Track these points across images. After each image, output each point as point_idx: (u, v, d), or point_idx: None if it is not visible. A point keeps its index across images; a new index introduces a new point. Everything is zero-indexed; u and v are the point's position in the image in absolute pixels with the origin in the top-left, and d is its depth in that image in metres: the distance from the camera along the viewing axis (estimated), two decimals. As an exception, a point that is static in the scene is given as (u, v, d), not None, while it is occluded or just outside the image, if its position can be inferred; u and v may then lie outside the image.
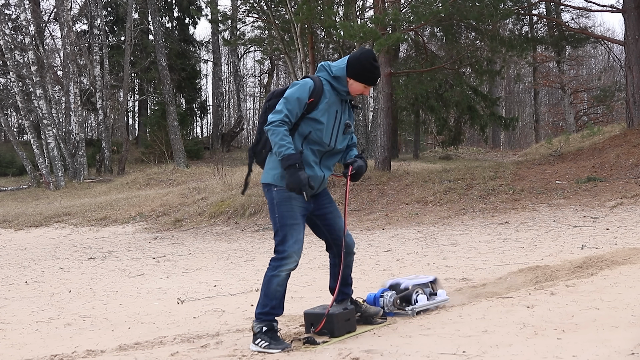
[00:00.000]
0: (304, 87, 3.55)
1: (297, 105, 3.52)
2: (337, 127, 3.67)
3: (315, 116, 3.57)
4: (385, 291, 4.07)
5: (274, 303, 3.56)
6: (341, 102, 3.72)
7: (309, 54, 14.34)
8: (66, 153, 22.75)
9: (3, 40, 22.28)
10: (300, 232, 3.57)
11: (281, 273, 3.55)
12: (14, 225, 13.59)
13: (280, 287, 3.57)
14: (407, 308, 3.98)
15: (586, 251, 6.31)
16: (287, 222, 3.54)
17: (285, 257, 3.52)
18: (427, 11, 12.70)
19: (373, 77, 3.67)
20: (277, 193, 3.57)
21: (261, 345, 3.47)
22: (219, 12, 16.52)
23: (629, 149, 12.23)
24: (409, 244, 8.11)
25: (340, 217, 3.82)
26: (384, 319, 3.89)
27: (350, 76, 3.63)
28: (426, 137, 34.98)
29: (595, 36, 19.02)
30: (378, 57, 3.83)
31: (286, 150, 3.42)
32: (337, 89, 3.65)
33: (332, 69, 3.67)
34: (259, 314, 3.56)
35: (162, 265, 7.93)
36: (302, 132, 3.58)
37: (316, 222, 3.79)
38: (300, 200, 3.55)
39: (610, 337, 2.96)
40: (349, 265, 3.90)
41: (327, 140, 3.63)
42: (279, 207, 3.56)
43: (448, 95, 17.67)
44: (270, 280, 3.56)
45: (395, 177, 13.00)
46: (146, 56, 29.25)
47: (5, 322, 4.94)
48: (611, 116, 30.04)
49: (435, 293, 4.23)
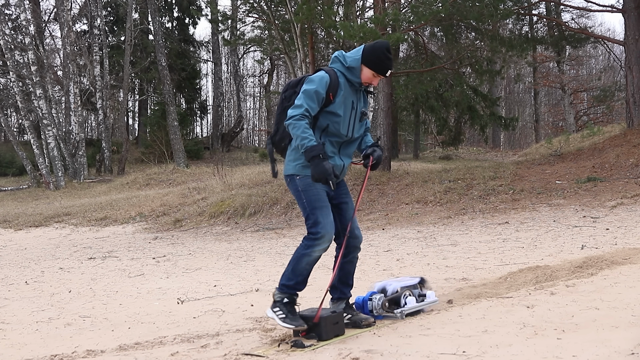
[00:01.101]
0: (321, 81, 3.61)
1: (315, 99, 3.58)
2: (353, 117, 3.75)
3: (332, 109, 3.64)
4: (373, 294, 4.02)
5: (299, 279, 3.61)
6: (356, 92, 3.78)
7: (309, 54, 14.35)
8: (66, 153, 22.76)
9: (3, 40, 22.28)
10: (330, 214, 3.63)
11: (314, 253, 3.58)
12: (14, 225, 13.59)
13: (309, 266, 3.62)
14: (395, 311, 3.93)
15: (586, 251, 6.31)
16: (317, 205, 3.60)
17: (319, 238, 3.55)
18: (427, 11, 12.70)
19: (384, 66, 3.69)
20: (300, 180, 3.65)
21: (278, 314, 3.53)
22: (219, 12, 16.53)
23: (629, 149, 12.23)
24: (409, 244, 8.11)
25: (353, 210, 3.86)
26: (373, 323, 3.83)
27: (363, 63, 3.68)
28: (426, 137, 34.98)
29: (595, 36, 19.01)
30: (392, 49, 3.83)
31: (309, 142, 3.48)
32: (350, 80, 3.71)
33: (346, 60, 3.72)
34: (282, 285, 3.61)
35: (162, 265, 7.93)
36: (321, 125, 3.66)
37: (332, 210, 3.80)
38: (323, 186, 3.63)
39: (610, 337, 2.96)
40: (352, 262, 3.89)
41: (344, 131, 3.70)
42: (305, 193, 3.63)
43: (448, 95, 17.69)
44: (301, 258, 3.59)
45: (395, 177, 12.99)
46: (146, 56, 29.25)
47: (5, 322, 4.94)
48: (611, 116, 30.05)
49: (424, 294, 4.18)
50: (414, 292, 4.13)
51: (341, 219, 3.82)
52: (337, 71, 3.72)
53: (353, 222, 3.81)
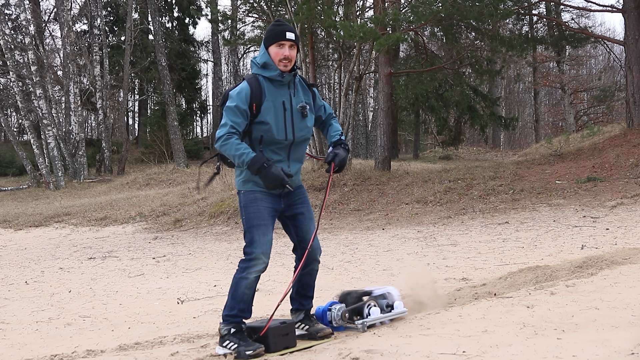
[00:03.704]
0: (239, 96, 3.44)
1: (238, 113, 3.42)
2: (290, 118, 3.52)
3: (260, 119, 3.46)
4: (333, 304, 3.82)
5: (241, 306, 3.46)
6: (288, 88, 3.55)
7: (309, 54, 14.35)
8: (66, 153, 22.75)
9: (3, 40, 22.28)
10: (268, 232, 3.47)
11: (250, 275, 3.44)
12: (14, 225, 13.58)
13: (248, 290, 3.47)
14: (357, 322, 3.71)
15: (586, 251, 6.31)
16: (255, 223, 3.45)
17: (253, 259, 3.42)
18: (427, 11, 12.70)
19: (279, 31, 3.48)
20: (244, 196, 3.52)
21: (230, 347, 3.37)
22: (219, 12, 16.52)
23: (629, 149, 12.23)
24: (409, 244, 8.11)
25: (312, 220, 3.67)
26: (331, 335, 3.65)
27: (266, 46, 3.50)
28: (426, 137, 34.98)
29: (595, 36, 19.02)
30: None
31: (247, 156, 3.34)
32: (272, 78, 3.49)
33: (257, 59, 3.55)
34: (226, 317, 3.46)
35: (162, 265, 7.93)
36: (255, 137, 3.49)
37: (287, 222, 3.67)
38: (268, 200, 3.49)
39: (610, 337, 2.96)
40: (311, 274, 3.72)
41: (281, 136, 3.49)
42: (245, 209, 3.49)
43: (448, 95, 17.67)
44: (239, 282, 3.46)
45: (395, 177, 13.00)
46: (146, 56, 29.24)
47: (5, 322, 4.94)
48: (611, 116, 30.05)
49: (392, 305, 3.94)
50: (380, 302, 3.92)
51: (297, 230, 3.64)
52: (258, 76, 3.52)
53: (312, 233, 3.63)
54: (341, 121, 14.05)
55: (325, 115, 3.79)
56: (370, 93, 26.93)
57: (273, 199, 3.52)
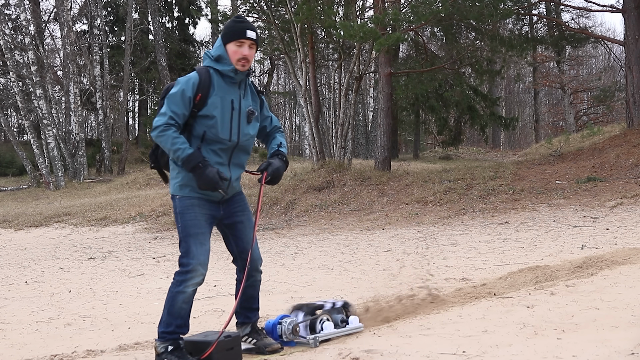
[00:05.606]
0: (188, 82, 3.23)
1: (181, 102, 3.20)
2: (236, 119, 3.31)
3: (206, 112, 3.24)
4: (284, 317, 3.65)
5: (179, 322, 3.24)
6: (238, 88, 3.37)
7: (309, 54, 14.35)
8: (66, 153, 22.75)
9: (3, 40, 22.28)
10: (206, 242, 3.29)
11: (187, 289, 3.24)
12: (14, 225, 13.58)
13: (185, 305, 3.26)
14: (308, 337, 3.54)
15: (586, 251, 6.31)
16: (191, 232, 3.24)
17: (190, 271, 3.22)
18: (427, 11, 12.70)
19: (239, 28, 3.31)
20: (180, 201, 3.29)
21: None
22: (219, 12, 16.52)
23: (629, 149, 12.23)
24: (409, 244, 8.11)
25: (252, 229, 3.49)
26: (280, 349, 3.50)
27: (224, 43, 3.32)
28: (426, 137, 34.99)
29: (595, 36, 19.02)
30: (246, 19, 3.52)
31: (183, 152, 3.15)
32: (224, 72, 3.30)
33: (211, 51, 3.37)
34: (162, 333, 3.24)
35: (162, 265, 7.93)
36: (197, 133, 3.26)
37: (225, 232, 3.50)
38: (206, 207, 3.31)
39: (610, 337, 2.96)
40: (254, 285, 3.55)
41: (225, 135, 3.28)
42: (182, 216, 3.27)
43: (448, 95, 17.69)
44: (175, 297, 3.24)
45: (395, 177, 13.00)
46: (146, 56, 29.25)
47: (5, 322, 4.94)
48: (611, 116, 30.05)
49: (347, 320, 3.79)
50: (334, 317, 3.76)
51: (237, 240, 3.49)
52: (210, 68, 3.31)
53: (253, 250, 3.46)
54: (341, 121, 14.06)
55: (271, 127, 3.61)
56: (370, 93, 26.94)
57: (211, 206, 3.33)
